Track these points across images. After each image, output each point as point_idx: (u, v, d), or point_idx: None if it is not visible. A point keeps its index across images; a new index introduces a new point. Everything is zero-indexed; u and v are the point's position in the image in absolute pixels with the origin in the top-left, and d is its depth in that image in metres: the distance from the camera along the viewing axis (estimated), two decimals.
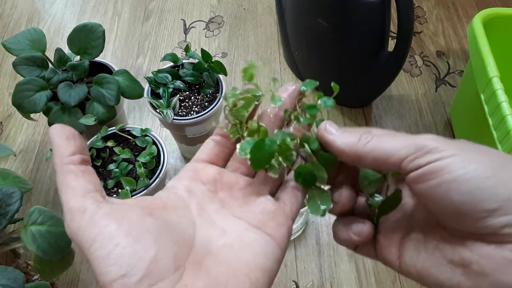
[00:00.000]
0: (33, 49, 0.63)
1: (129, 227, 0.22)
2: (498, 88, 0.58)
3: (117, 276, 0.21)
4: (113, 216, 0.23)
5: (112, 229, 0.22)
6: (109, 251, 0.21)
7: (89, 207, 0.23)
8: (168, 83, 0.65)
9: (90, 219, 0.23)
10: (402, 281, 0.66)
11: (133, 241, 0.22)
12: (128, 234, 0.22)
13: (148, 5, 1.03)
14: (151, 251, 0.22)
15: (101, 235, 0.22)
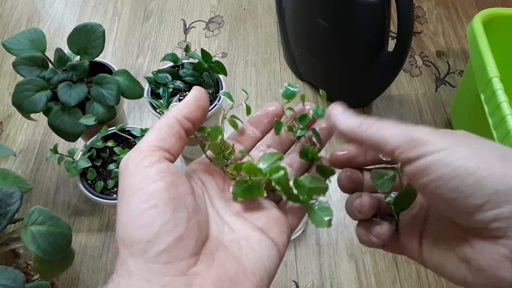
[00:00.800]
0: (33, 49, 0.63)
1: (173, 195, 0.22)
2: (498, 88, 0.58)
3: (142, 239, 0.21)
4: (165, 176, 0.23)
5: (159, 188, 0.22)
6: (144, 210, 0.21)
7: (155, 157, 0.23)
8: (168, 83, 0.65)
9: (146, 168, 0.22)
10: (402, 281, 0.66)
11: (170, 211, 0.22)
12: (169, 201, 0.22)
13: (148, 5, 1.03)
14: (181, 228, 0.22)
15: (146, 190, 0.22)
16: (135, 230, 0.21)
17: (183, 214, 0.22)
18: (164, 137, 0.24)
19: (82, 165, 0.57)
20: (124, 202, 0.22)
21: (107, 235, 0.71)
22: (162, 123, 0.25)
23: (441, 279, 0.66)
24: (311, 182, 0.29)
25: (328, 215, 0.28)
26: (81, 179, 0.59)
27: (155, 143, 0.24)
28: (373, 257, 0.68)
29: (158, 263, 0.21)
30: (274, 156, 0.29)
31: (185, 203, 0.23)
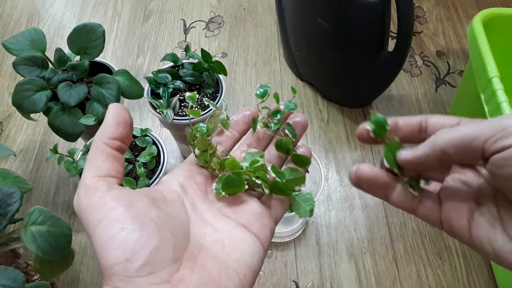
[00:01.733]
0: (33, 49, 0.63)
1: (135, 213, 0.23)
2: (498, 88, 0.58)
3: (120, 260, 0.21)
4: (121, 200, 0.23)
5: (119, 213, 0.23)
6: (114, 234, 0.22)
7: (103, 187, 0.24)
8: (168, 83, 0.65)
9: (100, 199, 0.23)
10: (402, 281, 0.66)
11: (139, 228, 0.22)
12: (134, 220, 0.23)
13: (148, 5, 1.03)
14: (154, 239, 0.22)
15: (108, 217, 0.22)
16: (111, 254, 0.22)
17: (151, 227, 0.23)
18: (99, 165, 0.25)
19: (82, 165, 0.57)
20: (93, 234, 0.22)
21: None
22: (93, 152, 0.25)
23: (441, 279, 0.66)
24: (290, 173, 0.30)
25: (310, 206, 0.30)
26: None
27: (95, 174, 0.24)
28: (373, 257, 0.68)
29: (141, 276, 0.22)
30: (255, 155, 0.30)
31: (150, 216, 0.23)
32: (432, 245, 0.69)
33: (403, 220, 0.72)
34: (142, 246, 0.22)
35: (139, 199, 0.24)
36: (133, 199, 0.24)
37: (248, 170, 0.29)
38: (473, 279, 0.66)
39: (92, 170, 0.25)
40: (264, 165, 0.29)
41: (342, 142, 0.80)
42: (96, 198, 0.23)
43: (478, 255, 0.68)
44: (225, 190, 0.28)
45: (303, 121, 0.32)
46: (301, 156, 0.31)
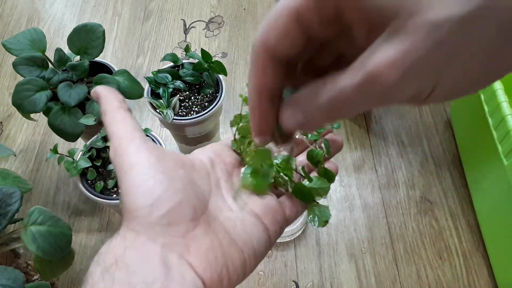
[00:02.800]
0: (33, 49, 0.63)
1: (166, 167, 0.25)
2: (498, 88, 0.58)
3: (145, 205, 0.23)
4: (154, 153, 0.25)
5: (152, 162, 0.24)
6: (144, 179, 0.24)
7: (138, 138, 0.26)
8: (168, 83, 0.65)
9: (137, 147, 0.25)
10: (402, 281, 0.66)
11: (167, 180, 0.24)
12: (164, 172, 0.24)
13: (148, 5, 1.03)
14: (179, 194, 0.24)
15: (142, 164, 0.24)
16: (138, 197, 0.23)
17: (178, 183, 0.24)
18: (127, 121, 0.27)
19: (82, 165, 0.57)
20: (124, 176, 0.24)
21: (107, 235, 0.71)
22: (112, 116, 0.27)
23: (441, 279, 0.66)
24: (316, 182, 0.31)
25: (325, 217, 0.31)
26: (81, 179, 0.59)
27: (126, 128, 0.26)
28: (373, 257, 0.68)
29: (160, 225, 0.23)
30: (287, 157, 0.31)
31: (178, 174, 0.25)
32: (432, 245, 0.69)
33: (403, 220, 0.72)
34: (167, 197, 0.23)
35: (170, 156, 0.26)
36: (166, 156, 0.26)
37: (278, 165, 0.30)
38: (473, 279, 0.66)
39: (120, 126, 0.26)
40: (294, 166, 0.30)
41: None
42: (133, 146, 0.25)
43: (478, 255, 0.68)
44: (253, 176, 0.29)
45: (340, 143, 0.33)
46: (328, 171, 0.32)
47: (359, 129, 0.82)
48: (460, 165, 0.77)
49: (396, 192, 0.75)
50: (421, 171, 0.77)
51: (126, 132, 0.26)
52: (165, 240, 0.23)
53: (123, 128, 0.26)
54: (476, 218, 0.71)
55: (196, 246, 0.24)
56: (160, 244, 0.23)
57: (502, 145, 0.57)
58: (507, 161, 0.56)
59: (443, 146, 0.80)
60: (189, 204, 0.24)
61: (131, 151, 0.25)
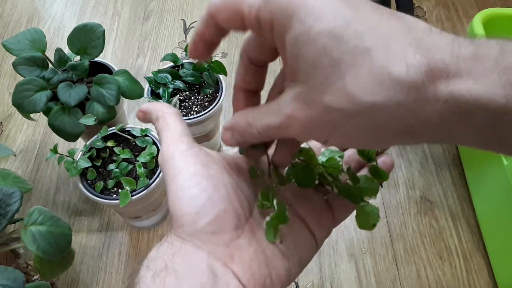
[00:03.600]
0: (33, 49, 0.63)
1: (211, 174, 0.25)
2: None
3: (190, 211, 0.23)
4: (200, 159, 0.25)
5: (198, 169, 0.24)
6: (190, 186, 0.24)
7: (185, 142, 0.26)
8: (168, 83, 0.65)
9: (183, 152, 0.25)
10: (402, 281, 0.66)
11: (212, 188, 0.24)
12: (209, 179, 0.24)
13: (148, 5, 1.03)
14: (223, 203, 0.24)
15: (188, 170, 0.24)
16: (184, 204, 0.23)
17: (222, 191, 0.24)
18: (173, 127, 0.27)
19: (82, 165, 0.57)
20: (171, 181, 0.24)
21: (107, 235, 0.71)
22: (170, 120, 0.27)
23: (441, 279, 0.66)
24: (364, 182, 0.29)
25: (374, 220, 0.28)
26: (81, 179, 0.59)
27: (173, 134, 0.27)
28: (373, 257, 0.68)
29: (205, 233, 0.23)
30: (335, 153, 0.29)
31: (223, 181, 0.25)
32: (432, 245, 0.69)
33: (403, 220, 0.72)
34: (211, 205, 0.23)
35: (216, 162, 0.26)
36: (211, 161, 0.26)
37: (322, 164, 0.29)
38: (473, 279, 0.66)
39: (169, 130, 0.27)
40: (340, 165, 0.29)
41: None
42: (179, 152, 0.25)
43: (478, 255, 0.68)
44: (294, 177, 0.28)
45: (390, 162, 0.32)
46: (380, 169, 0.29)
47: None
48: (460, 165, 0.77)
49: (396, 192, 0.75)
50: (421, 171, 0.77)
51: (173, 137, 0.26)
52: (210, 249, 0.23)
53: (171, 133, 0.26)
54: (476, 218, 0.71)
55: (239, 256, 0.24)
56: (206, 252, 0.23)
57: None
58: (507, 161, 0.56)
59: (443, 146, 0.80)
60: (233, 212, 0.24)
61: (176, 157, 0.25)
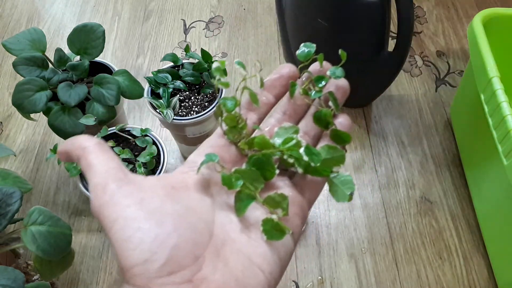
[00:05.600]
0: (33, 49, 0.63)
1: (150, 210, 0.22)
2: (498, 88, 0.58)
3: (139, 261, 0.21)
4: (134, 197, 0.22)
5: (133, 211, 0.22)
6: (130, 235, 0.21)
7: (111, 183, 0.22)
8: (168, 83, 0.65)
9: (111, 197, 0.22)
10: (402, 281, 0.66)
11: (155, 226, 0.21)
12: (149, 218, 0.21)
13: (148, 5, 1.03)
14: (173, 237, 0.21)
15: (122, 217, 0.21)
16: (129, 255, 0.21)
17: (169, 224, 0.22)
18: (97, 162, 0.24)
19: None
20: (109, 233, 0.22)
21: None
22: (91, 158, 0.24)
23: (441, 280, 0.66)
24: (328, 152, 0.27)
25: (349, 189, 0.26)
26: (81, 179, 0.59)
27: (99, 171, 0.23)
28: (373, 257, 0.68)
29: (162, 277, 0.21)
30: (289, 130, 0.27)
31: (167, 211, 0.22)
32: (432, 245, 0.69)
33: (403, 220, 0.72)
34: (160, 245, 0.21)
35: (154, 192, 0.23)
36: (148, 193, 0.23)
37: (280, 149, 0.26)
38: (473, 279, 0.66)
39: (91, 172, 0.23)
40: (299, 142, 0.26)
41: None
42: (108, 197, 0.22)
43: (478, 255, 0.68)
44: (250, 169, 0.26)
45: (345, 85, 0.29)
46: (341, 132, 0.28)
47: (359, 129, 0.82)
48: (460, 165, 0.77)
49: (396, 192, 0.75)
50: (421, 171, 0.77)
51: (99, 179, 0.23)
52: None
53: (95, 175, 0.23)
54: (476, 218, 0.71)
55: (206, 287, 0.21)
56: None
57: (502, 145, 0.57)
58: (507, 161, 0.56)
59: (443, 146, 0.80)
60: (188, 242, 0.22)
61: (107, 204, 0.22)
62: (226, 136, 0.28)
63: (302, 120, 0.30)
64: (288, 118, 0.29)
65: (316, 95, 0.29)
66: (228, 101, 0.27)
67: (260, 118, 0.29)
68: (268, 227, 0.24)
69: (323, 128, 0.29)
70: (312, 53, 0.30)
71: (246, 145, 0.27)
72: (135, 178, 0.23)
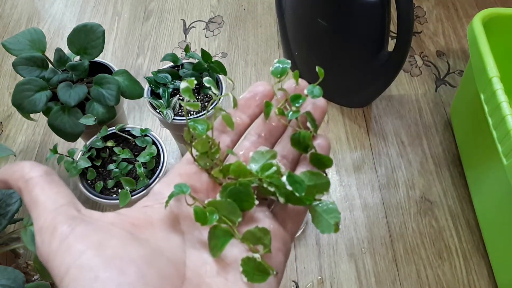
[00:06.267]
0: (33, 49, 0.63)
1: (109, 255, 0.18)
2: (498, 88, 0.58)
3: None
4: (90, 240, 0.19)
5: (89, 258, 0.18)
6: (85, 286, 0.17)
7: (61, 226, 0.19)
8: (168, 83, 0.65)
9: (62, 242, 0.18)
10: (402, 281, 0.66)
11: (116, 274, 0.18)
12: (109, 265, 0.18)
13: (148, 5, 1.03)
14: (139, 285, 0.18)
15: (76, 266, 0.18)
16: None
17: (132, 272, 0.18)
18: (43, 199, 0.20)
19: (82, 165, 0.57)
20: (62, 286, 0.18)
21: None
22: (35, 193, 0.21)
23: (441, 279, 0.66)
24: (310, 178, 0.25)
25: (335, 218, 0.24)
26: (81, 179, 0.59)
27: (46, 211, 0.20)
28: (373, 257, 0.68)
29: None
30: (266, 155, 0.25)
31: (129, 256, 0.19)
32: (432, 245, 0.69)
33: (403, 220, 0.72)
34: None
35: (114, 233, 0.19)
36: (106, 235, 0.19)
37: (259, 177, 0.24)
38: (473, 279, 0.66)
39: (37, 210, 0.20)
40: (279, 169, 0.24)
41: (342, 142, 0.80)
42: (57, 242, 0.18)
43: (478, 255, 0.68)
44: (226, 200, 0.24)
45: (323, 105, 0.27)
46: (321, 156, 0.26)
47: (359, 129, 0.82)
48: (460, 165, 0.77)
49: (396, 192, 0.75)
50: (421, 171, 0.77)
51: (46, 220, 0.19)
52: None
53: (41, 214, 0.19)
54: (476, 218, 0.71)
55: None
56: None
57: (502, 145, 0.57)
58: (507, 161, 0.56)
59: (443, 146, 0.80)
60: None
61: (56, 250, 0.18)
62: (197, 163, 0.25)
63: (279, 142, 0.27)
64: (263, 140, 0.27)
65: (293, 115, 0.26)
66: (199, 124, 0.25)
67: (234, 141, 0.27)
68: (249, 268, 0.21)
69: (302, 151, 0.26)
70: (286, 71, 0.28)
71: (220, 173, 0.25)
72: (90, 215, 0.20)
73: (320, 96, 0.27)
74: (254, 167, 0.25)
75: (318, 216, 0.24)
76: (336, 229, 0.24)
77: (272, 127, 0.27)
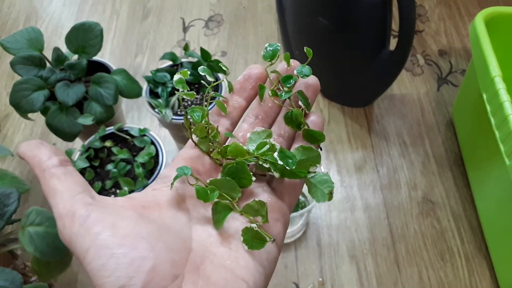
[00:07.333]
0: (31, 48, 0.62)
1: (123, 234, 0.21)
2: (501, 87, 0.58)
3: None
4: (105, 222, 0.21)
5: (105, 238, 0.21)
6: (104, 262, 0.20)
7: (78, 211, 0.22)
8: (167, 82, 0.64)
9: (81, 226, 0.21)
10: (404, 283, 0.65)
11: (129, 250, 0.21)
12: (122, 242, 0.21)
13: (146, 3, 1.02)
14: (149, 260, 0.21)
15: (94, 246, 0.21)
16: (105, 283, 0.20)
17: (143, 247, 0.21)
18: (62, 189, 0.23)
19: (80, 166, 0.57)
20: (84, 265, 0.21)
21: None
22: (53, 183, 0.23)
23: (443, 281, 0.65)
24: (302, 153, 0.27)
25: (328, 187, 0.26)
26: None
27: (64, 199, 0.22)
28: (374, 258, 0.67)
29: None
30: (262, 134, 0.27)
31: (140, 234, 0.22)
32: (434, 246, 0.69)
33: (404, 221, 0.71)
34: (136, 270, 0.20)
35: (125, 215, 0.22)
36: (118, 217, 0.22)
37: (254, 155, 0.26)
38: (475, 281, 0.65)
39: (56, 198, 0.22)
40: (273, 146, 0.26)
41: (343, 142, 0.80)
42: (76, 226, 0.21)
43: (480, 257, 0.68)
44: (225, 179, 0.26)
45: (315, 83, 0.29)
46: (313, 132, 0.28)
47: (361, 129, 0.81)
48: (462, 165, 0.76)
49: (398, 192, 0.74)
50: (423, 171, 0.76)
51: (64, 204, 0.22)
52: None
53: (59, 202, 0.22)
54: (479, 219, 0.70)
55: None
56: None
57: (504, 145, 0.56)
58: (510, 161, 0.55)
59: (445, 146, 0.79)
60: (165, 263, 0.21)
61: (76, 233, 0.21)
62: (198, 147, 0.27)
63: (275, 122, 0.29)
64: (261, 121, 0.29)
65: (286, 95, 0.28)
66: (195, 112, 0.28)
67: (233, 123, 0.29)
68: (248, 236, 0.24)
69: (296, 129, 0.28)
70: (277, 53, 0.30)
71: (219, 155, 0.27)
72: (103, 201, 0.23)
73: (309, 75, 0.29)
74: (251, 147, 0.27)
75: (313, 187, 0.27)
76: (330, 197, 0.26)
77: (268, 108, 0.29)
